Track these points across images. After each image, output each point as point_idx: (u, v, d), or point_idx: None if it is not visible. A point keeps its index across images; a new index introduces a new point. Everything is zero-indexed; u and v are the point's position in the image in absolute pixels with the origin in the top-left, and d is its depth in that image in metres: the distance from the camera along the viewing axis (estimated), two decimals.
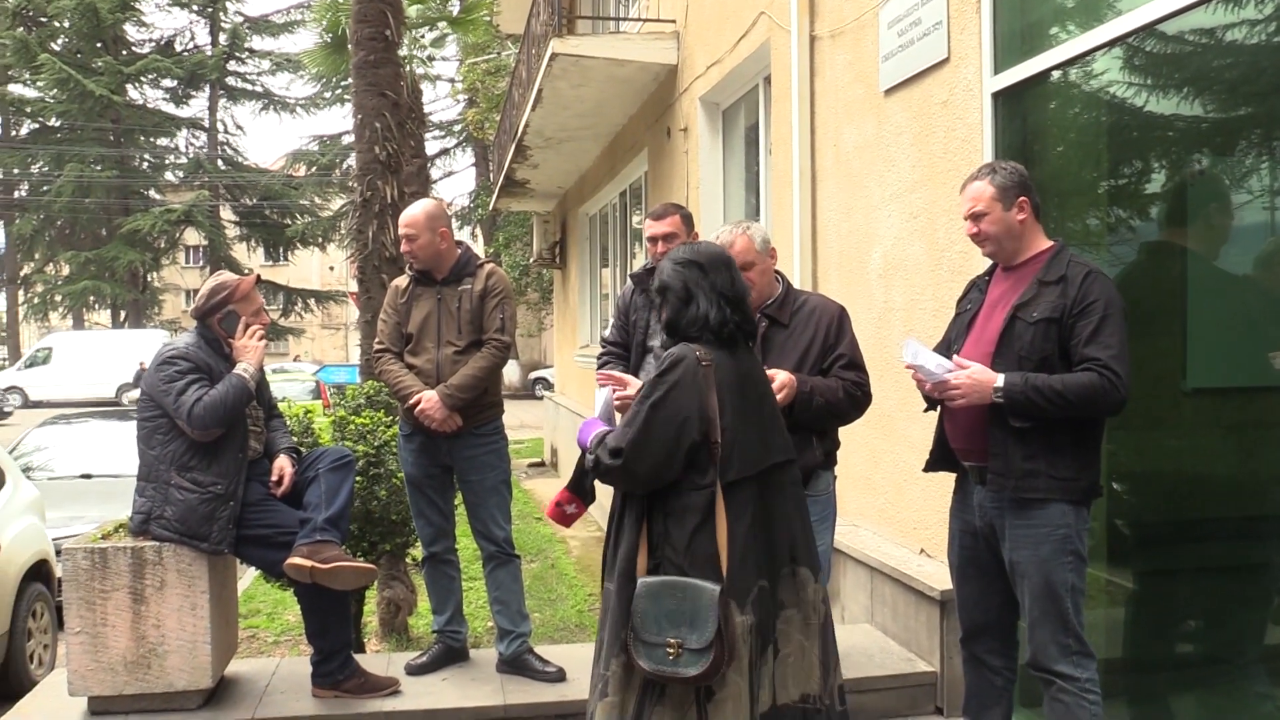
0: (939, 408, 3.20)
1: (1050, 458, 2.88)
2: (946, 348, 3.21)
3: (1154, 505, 3.54)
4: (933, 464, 3.29)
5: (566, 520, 3.16)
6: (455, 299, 4.13)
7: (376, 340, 4.31)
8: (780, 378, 3.28)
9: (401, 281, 4.28)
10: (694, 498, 2.59)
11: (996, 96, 4.04)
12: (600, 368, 4.00)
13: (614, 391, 3.15)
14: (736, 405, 2.63)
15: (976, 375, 2.92)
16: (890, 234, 4.85)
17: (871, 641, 4.51)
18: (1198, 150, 3.28)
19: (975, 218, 3.06)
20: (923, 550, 4.54)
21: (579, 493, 3.11)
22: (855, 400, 3.51)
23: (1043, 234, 3.08)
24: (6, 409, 27.69)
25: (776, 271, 3.65)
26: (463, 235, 33.06)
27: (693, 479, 2.60)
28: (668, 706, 2.55)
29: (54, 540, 6.06)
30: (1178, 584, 3.46)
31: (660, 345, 3.23)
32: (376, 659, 4.47)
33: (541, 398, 20.25)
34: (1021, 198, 3.01)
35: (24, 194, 38.23)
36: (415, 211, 4.14)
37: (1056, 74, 3.77)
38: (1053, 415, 2.83)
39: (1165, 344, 3.36)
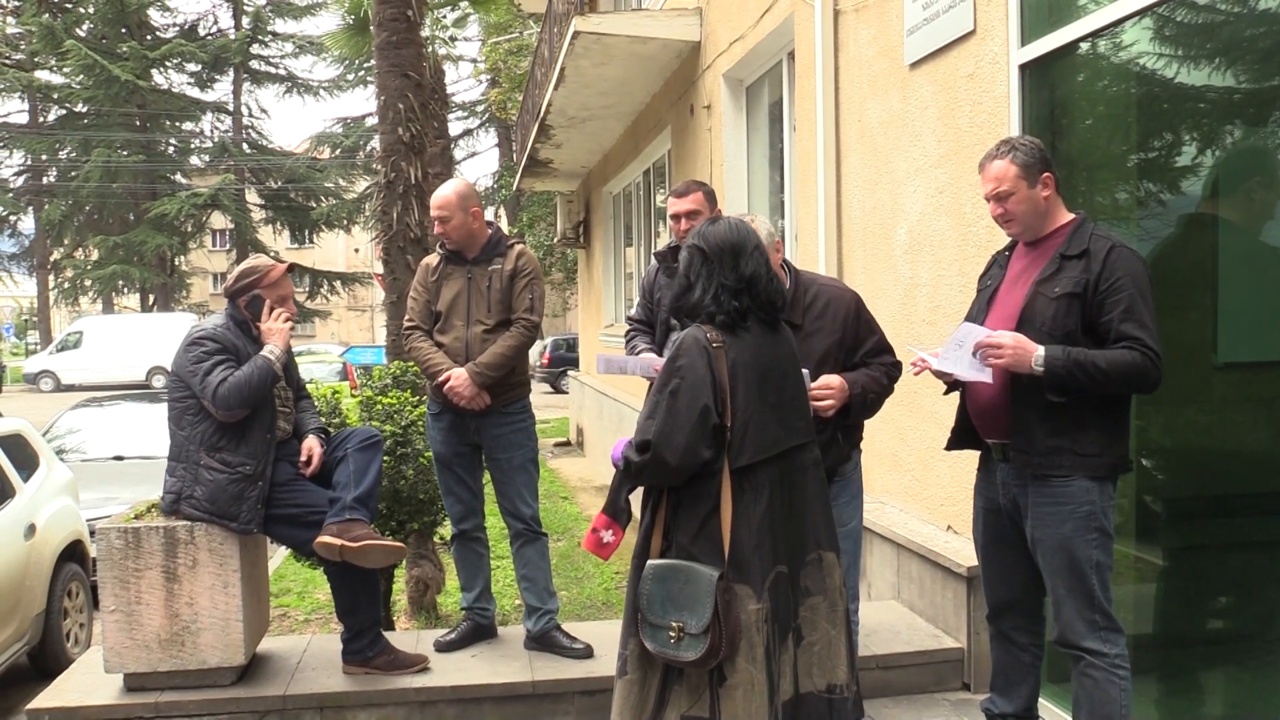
0: (961, 387, 3.18)
1: (1075, 434, 2.86)
2: None
3: (1184, 480, 3.51)
4: (955, 442, 3.28)
5: (604, 551, 2.92)
6: (485, 278, 4.14)
7: (406, 318, 4.32)
8: (834, 384, 3.30)
9: (432, 260, 4.30)
10: (708, 483, 2.59)
11: (1024, 68, 3.99)
12: (628, 343, 4.02)
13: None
14: (752, 387, 2.62)
15: (1020, 342, 2.85)
16: (916, 209, 4.81)
17: (898, 618, 4.51)
18: (1230, 122, 3.22)
19: (1000, 198, 3.00)
20: (950, 527, 4.52)
21: (615, 516, 2.93)
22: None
23: (1064, 207, 3.05)
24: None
25: (784, 262, 3.54)
26: (487, 216, 33.00)
27: (708, 464, 2.59)
28: (685, 688, 2.58)
29: (88, 521, 6.16)
30: (1208, 559, 3.43)
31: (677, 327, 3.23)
32: (406, 636, 4.51)
33: (565, 376, 20.27)
34: (1045, 173, 2.97)
35: (52, 180, 38.58)
36: (447, 192, 4.14)
37: (1085, 45, 3.71)
38: (1090, 390, 2.80)
39: (1196, 318, 3.32)
